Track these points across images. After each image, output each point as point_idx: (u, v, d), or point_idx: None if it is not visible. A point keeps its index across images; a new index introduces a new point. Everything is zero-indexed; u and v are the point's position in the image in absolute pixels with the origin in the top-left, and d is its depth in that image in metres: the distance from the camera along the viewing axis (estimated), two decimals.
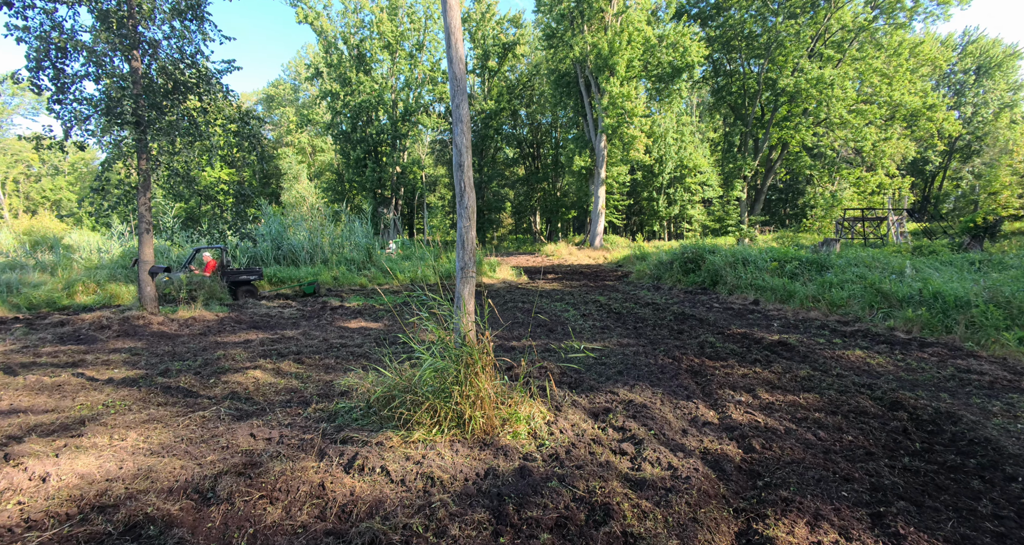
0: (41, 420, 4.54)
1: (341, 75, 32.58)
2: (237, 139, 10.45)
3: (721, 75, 37.57)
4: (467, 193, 4.84)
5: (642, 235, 37.57)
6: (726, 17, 34.25)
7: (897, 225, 23.31)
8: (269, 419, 4.61)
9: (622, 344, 7.10)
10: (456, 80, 4.79)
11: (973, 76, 41.95)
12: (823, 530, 2.66)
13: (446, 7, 4.85)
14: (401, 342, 7.31)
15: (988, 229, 17.17)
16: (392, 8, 32.77)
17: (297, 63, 52.61)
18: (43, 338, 7.84)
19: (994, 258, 11.79)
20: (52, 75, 8.56)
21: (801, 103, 32.08)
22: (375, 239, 20.06)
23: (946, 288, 8.15)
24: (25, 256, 15.47)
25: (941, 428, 3.94)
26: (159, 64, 9.43)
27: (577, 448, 3.87)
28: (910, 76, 31.28)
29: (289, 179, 39.71)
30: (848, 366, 5.83)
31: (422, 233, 39.22)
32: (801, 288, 10.27)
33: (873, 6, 30.71)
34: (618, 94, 26.61)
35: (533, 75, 39.11)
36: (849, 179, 34.01)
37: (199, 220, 21.61)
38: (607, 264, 22.64)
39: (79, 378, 5.78)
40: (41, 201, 47.74)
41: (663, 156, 33.73)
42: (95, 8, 8.62)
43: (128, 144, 9.23)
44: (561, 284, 15.43)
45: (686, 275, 14.55)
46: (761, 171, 37.31)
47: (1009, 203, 31.59)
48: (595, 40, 27.39)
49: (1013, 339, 6.38)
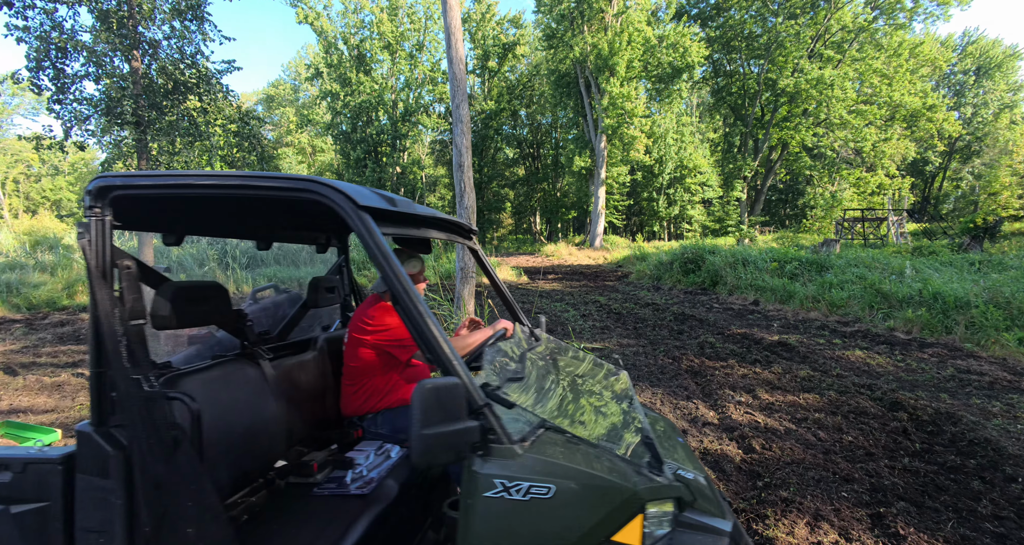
0: (41, 420, 4.54)
1: (341, 75, 32.57)
2: (237, 139, 10.45)
3: (721, 75, 37.57)
4: (467, 193, 4.83)
5: (642, 235, 37.55)
6: (726, 17, 34.25)
7: (897, 226, 23.32)
8: None
9: (622, 344, 7.10)
10: (456, 80, 4.79)
11: (973, 77, 41.96)
12: (823, 530, 2.66)
13: (446, 7, 4.85)
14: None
15: (988, 230, 17.17)
16: (392, 8, 32.77)
17: (297, 63, 52.62)
18: (43, 338, 7.83)
19: (994, 259, 11.79)
20: (52, 75, 8.57)
21: (801, 104, 32.09)
22: None
23: (946, 289, 8.15)
24: (25, 256, 15.46)
25: (941, 428, 3.94)
26: (159, 64, 9.43)
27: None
28: (910, 76, 31.28)
29: None
30: (848, 366, 5.83)
31: None
32: (801, 288, 10.27)
33: (873, 7, 30.72)
34: (618, 94, 26.61)
35: (533, 75, 39.11)
36: (849, 180, 34.00)
37: None
38: (607, 264, 22.64)
39: (79, 378, 5.78)
40: (41, 201, 47.74)
41: (663, 156, 33.72)
42: (95, 8, 8.62)
43: (128, 144, 9.23)
44: (561, 284, 15.43)
45: (686, 275, 14.55)
46: (761, 171, 37.31)
47: (1009, 204, 31.60)
48: (595, 40, 27.40)
49: (1013, 340, 6.38)
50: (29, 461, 1.45)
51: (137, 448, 1.41)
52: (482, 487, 1.28)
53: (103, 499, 1.41)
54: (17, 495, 1.45)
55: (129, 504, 1.41)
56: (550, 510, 1.29)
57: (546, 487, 1.29)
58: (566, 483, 1.30)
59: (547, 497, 1.29)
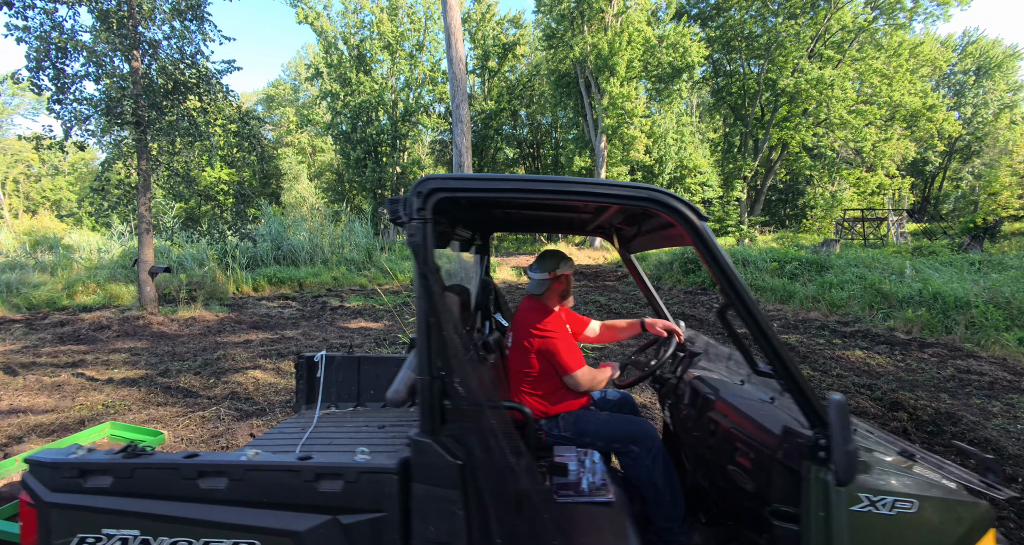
0: (41, 420, 4.54)
1: (341, 75, 32.58)
2: (237, 139, 10.44)
3: (721, 75, 37.57)
4: None
5: None
6: (726, 17, 34.25)
7: (897, 225, 23.32)
8: (269, 419, 4.61)
9: (622, 345, 7.10)
10: (456, 80, 4.79)
11: (973, 77, 41.96)
12: None
13: (446, 7, 4.85)
14: (401, 342, 7.31)
15: (988, 230, 17.17)
16: (392, 8, 32.77)
17: (297, 63, 52.60)
18: (43, 338, 7.83)
19: (994, 259, 11.79)
20: (52, 75, 8.55)
21: (801, 103, 32.08)
22: (375, 240, 20.05)
23: (946, 289, 8.15)
24: (25, 256, 15.47)
25: (941, 428, 3.94)
26: (159, 64, 9.42)
27: None
28: (910, 77, 31.27)
29: (289, 179, 39.70)
30: (848, 366, 5.83)
31: None
32: (801, 288, 10.27)
33: (873, 7, 30.71)
34: (618, 94, 26.60)
35: (533, 75, 39.10)
36: (849, 180, 34.01)
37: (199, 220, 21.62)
38: (607, 264, 22.63)
39: (79, 378, 5.78)
40: (41, 201, 47.73)
41: (663, 156, 33.70)
42: (95, 8, 8.61)
43: (128, 144, 9.22)
44: None
45: (686, 275, 14.55)
46: (761, 171, 37.31)
47: (1009, 204, 31.60)
48: (595, 40, 27.39)
49: (1013, 339, 6.38)
50: (363, 470, 1.40)
51: (474, 457, 1.39)
52: (846, 501, 1.29)
53: (443, 509, 1.38)
54: (349, 505, 1.39)
55: (467, 515, 1.38)
56: (916, 525, 1.31)
57: (910, 502, 1.31)
58: (928, 498, 1.33)
59: (912, 512, 1.31)
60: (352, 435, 2.37)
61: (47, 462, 1.41)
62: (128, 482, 1.39)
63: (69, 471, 1.39)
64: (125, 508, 1.37)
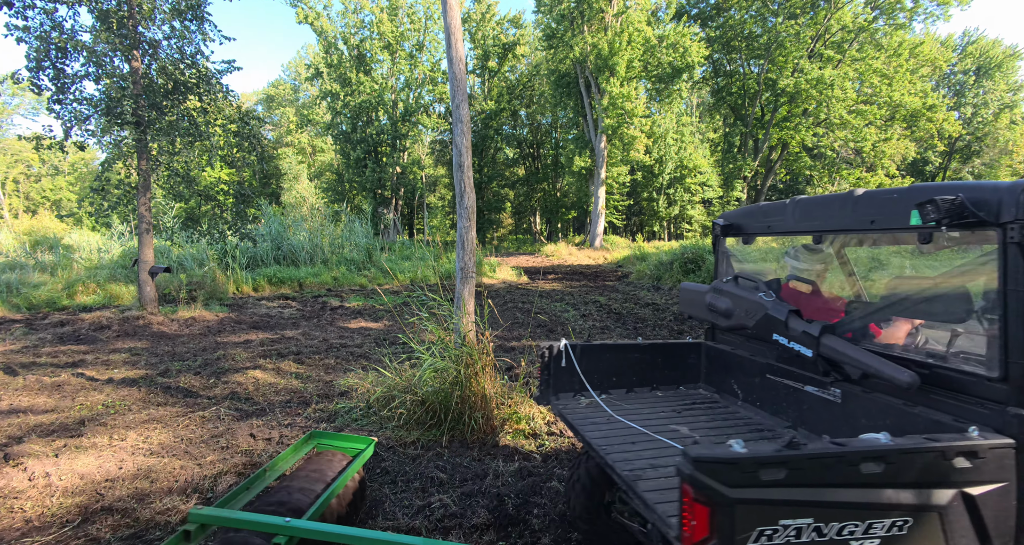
0: (41, 420, 4.54)
1: (341, 75, 32.59)
2: (237, 139, 10.44)
3: (721, 75, 37.58)
4: (467, 193, 4.84)
5: (642, 235, 37.57)
6: (726, 17, 34.26)
7: None
8: (269, 419, 4.62)
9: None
10: (456, 80, 4.79)
11: (973, 77, 41.98)
12: None
13: (446, 7, 4.85)
14: (401, 342, 7.32)
15: None
16: (392, 8, 32.78)
17: (297, 63, 52.62)
18: (43, 338, 7.84)
19: None
20: (52, 75, 8.56)
21: (801, 103, 32.10)
22: (375, 239, 20.06)
23: None
24: (25, 256, 15.47)
25: None
26: (159, 64, 9.43)
27: (577, 448, 3.87)
28: (910, 76, 31.29)
29: (289, 179, 39.72)
30: None
31: (422, 233, 39.23)
32: None
33: (873, 7, 30.73)
34: (618, 94, 26.62)
35: (533, 75, 39.11)
36: (849, 179, 34.03)
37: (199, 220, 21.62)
38: (607, 264, 22.64)
39: (79, 378, 5.79)
40: (41, 201, 47.75)
41: (663, 156, 33.74)
42: (95, 8, 8.62)
43: (128, 144, 9.22)
44: (561, 284, 15.44)
45: (686, 275, 14.55)
46: (761, 171, 37.32)
47: None
48: (595, 40, 27.40)
49: None
50: (992, 447, 1.56)
51: None
52: None
53: None
54: (977, 478, 1.55)
55: None
56: None
57: None
58: None
59: None
60: (676, 419, 2.63)
61: (725, 459, 1.42)
62: (799, 473, 1.46)
63: (750, 467, 1.43)
64: (799, 498, 1.45)
